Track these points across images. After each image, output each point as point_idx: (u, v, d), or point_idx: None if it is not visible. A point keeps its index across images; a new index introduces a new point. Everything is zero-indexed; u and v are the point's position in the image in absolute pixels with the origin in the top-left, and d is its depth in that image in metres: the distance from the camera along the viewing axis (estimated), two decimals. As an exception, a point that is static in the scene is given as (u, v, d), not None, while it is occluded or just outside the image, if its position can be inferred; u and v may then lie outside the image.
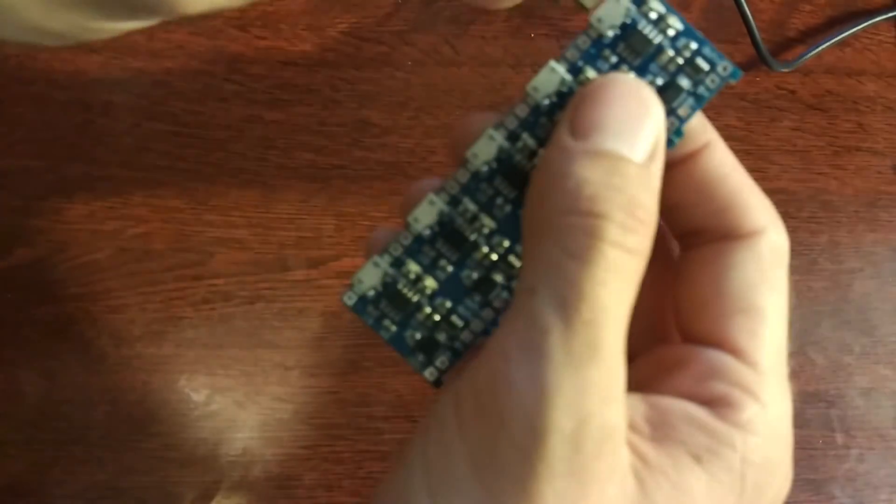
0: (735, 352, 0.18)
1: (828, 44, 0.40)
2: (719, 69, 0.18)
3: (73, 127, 0.37)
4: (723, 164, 0.18)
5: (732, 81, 0.18)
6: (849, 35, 0.41)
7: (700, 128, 0.18)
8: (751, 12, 0.38)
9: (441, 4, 0.39)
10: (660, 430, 0.16)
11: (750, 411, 0.17)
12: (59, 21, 0.17)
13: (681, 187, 0.18)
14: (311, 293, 0.36)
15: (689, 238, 0.19)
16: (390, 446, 0.36)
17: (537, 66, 0.21)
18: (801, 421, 0.37)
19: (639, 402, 0.17)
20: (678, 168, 0.18)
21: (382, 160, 0.38)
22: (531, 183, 0.17)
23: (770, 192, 0.20)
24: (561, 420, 0.14)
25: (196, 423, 0.35)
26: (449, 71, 0.38)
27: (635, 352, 0.18)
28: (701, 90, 0.18)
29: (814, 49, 0.40)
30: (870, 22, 0.41)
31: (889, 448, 0.37)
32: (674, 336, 0.19)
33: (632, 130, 0.16)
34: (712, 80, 0.18)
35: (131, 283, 0.36)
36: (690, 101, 0.18)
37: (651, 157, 0.16)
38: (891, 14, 0.41)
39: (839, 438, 0.37)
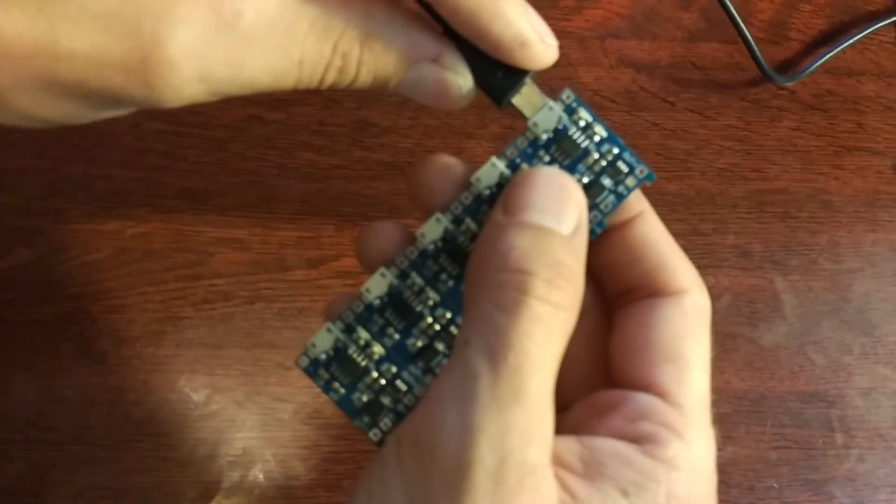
0: (662, 395, 0.19)
1: (830, 55, 0.40)
2: (636, 172, 0.20)
3: (73, 127, 0.37)
4: (654, 230, 0.21)
5: (648, 183, 0.20)
6: (848, 45, 0.41)
7: (635, 199, 0.21)
8: (751, 13, 0.38)
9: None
10: (591, 468, 0.18)
11: (674, 448, 0.18)
12: (50, 109, 0.18)
13: (617, 250, 0.21)
14: (311, 293, 0.36)
15: (622, 297, 0.21)
16: (390, 446, 0.36)
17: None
18: (801, 421, 0.37)
19: (573, 442, 0.19)
20: (615, 233, 0.21)
21: (382, 160, 0.38)
22: (471, 255, 0.19)
23: (770, 192, 0.20)
24: (484, 456, 0.16)
25: (196, 423, 0.35)
26: (449, 71, 0.38)
27: (573, 398, 0.21)
28: (621, 189, 0.20)
29: (815, 62, 0.40)
30: (871, 29, 0.41)
31: (889, 448, 0.37)
32: (608, 384, 0.21)
33: (556, 208, 0.19)
34: (630, 181, 0.20)
35: (131, 283, 0.36)
36: (612, 198, 0.20)
37: (575, 231, 0.19)
38: (891, 19, 0.41)
39: (839, 438, 0.37)
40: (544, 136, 0.20)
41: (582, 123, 0.20)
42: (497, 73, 0.20)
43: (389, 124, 0.38)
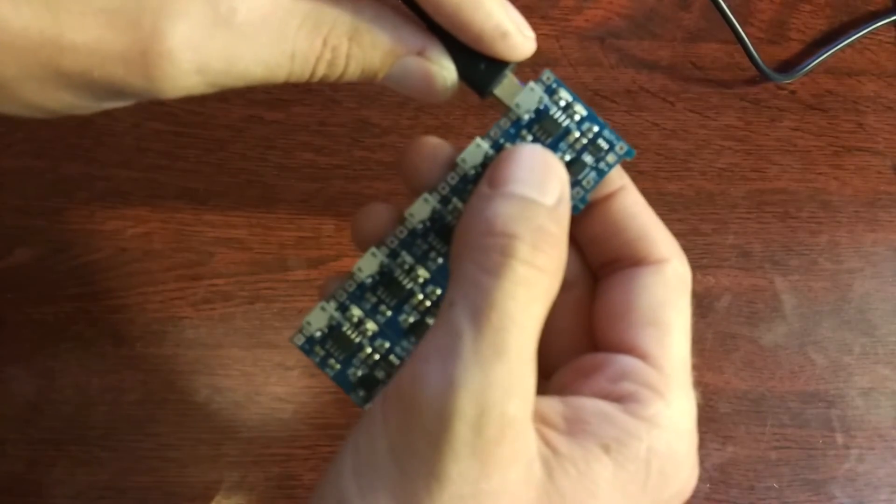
0: (644, 356, 0.20)
1: (827, 53, 0.40)
2: (616, 149, 0.21)
3: (73, 127, 0.37)
4: (635, 203, 0.22)
5: (628, 159, 0.21)
6: (846, 45, 0.41)
7: (616, 175, 0.22)
8: (751, 13, 0.38)
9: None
10: (573, 425, 0.19)
11: (655, 406, 0.19)
12: (51, 100, 0.19)
13: (600, 223, 0.22)
14: (311, 293, 0.36)
15: (606, 267, 0.22)
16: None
17: (538, 66, 0.21)
18: (801, 421, 0.37)
19: (555, 402, 0.19)
20: (598, 207, 0.22)
21: (382, 160, 0.38)
22: (457, 225, 0.20)
23: (770, 192, 0.20)
24: (465, 408, 0.16)
25: (196, 423, 0.35)
26: (449, 71, 0.38)
27: (559, 362, 0.22)
28: (602, 165, 0.21)
29: (814, 60, 0.40)
30: (871, 28, 0.41)
31: (889, 448, 0.37)
32: (592, 350, 0.22)
33: (539, 180, 0.19)
34: (611, 158, 0.21)
35: (131, 283, 0.36)
36: (593, 174, 0.21)
37: (558, 202, 0.19)
38: (891, 18, 0.41)
39: (839, 438, 0.37)
40: (526, 117, 0.21)
41: (562, 103, 0.21)
42: (479, 65, 0.21)
43: (389, 124, 0.38)
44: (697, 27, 0.41)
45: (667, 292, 0.21)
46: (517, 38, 0.20)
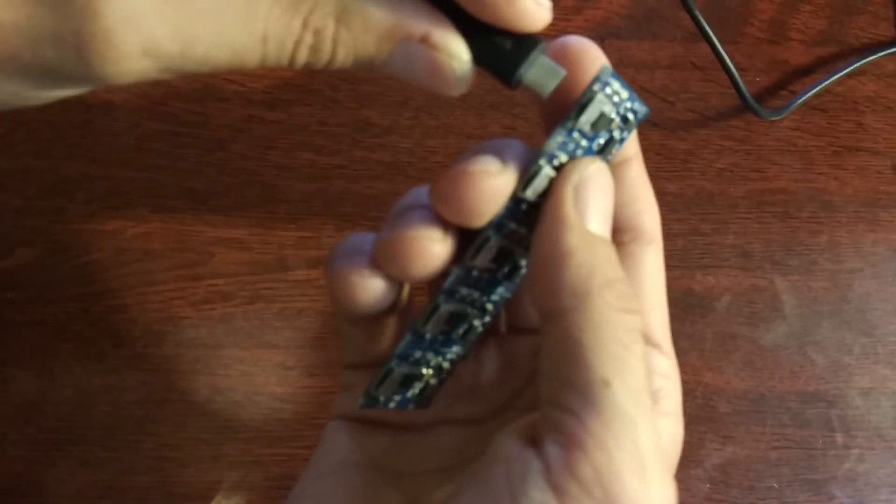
0: (657, 345, 0.21)
1: (821, 86, 0.40)
2: (640, 115, 0.20)
3: (73, 127, 0.37)
4: (641, 176, 0.21)
5: (644, 119, 0.20)
6: (844, 74, 0.40)
7: (633, 142, 0.21)
8: (751, 13, 0.38)
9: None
10: None
11: (672, 399, 0.20)
12: None
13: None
14: (311, 293, 0.36)
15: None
16: (390, 446, 0.36)
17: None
18: (801, 421, 0.37)
19: None
20: (613, 170, 0.21)
21: (382, 160, 0.38)
22: (546, 252, 0.18)
23: (770, 192, 0.20)
24: (666, 498, 0.17)
25: (196, 423, 0.35)
26: (449, 71, 0.38)
27: None
28: (625, 134, 0.20)
29: (811, 89, 0.40)
30: (866, 60, 0.40)
31: (889, 448, 0.37)
32: None
33: (611, 217, 0.19)
34: (632, 125, 0.20)
35: (131, 283, 0.36)
36: (618, 146, 0.20)
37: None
38: (890, 50, 0.41)
39: (839, 438, 0.37)
40: (588, 128, 0.19)
41: (611, 93, 0.19)
42: (501, 47, 0.18)
43: (389, 124, 0.38)
44: (697, 27, 0.41)
45: (661, 274, 0.21)
46: (526, 2, 0.17)
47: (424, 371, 0.21)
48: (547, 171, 0.19)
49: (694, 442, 0.36)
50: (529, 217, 0.19)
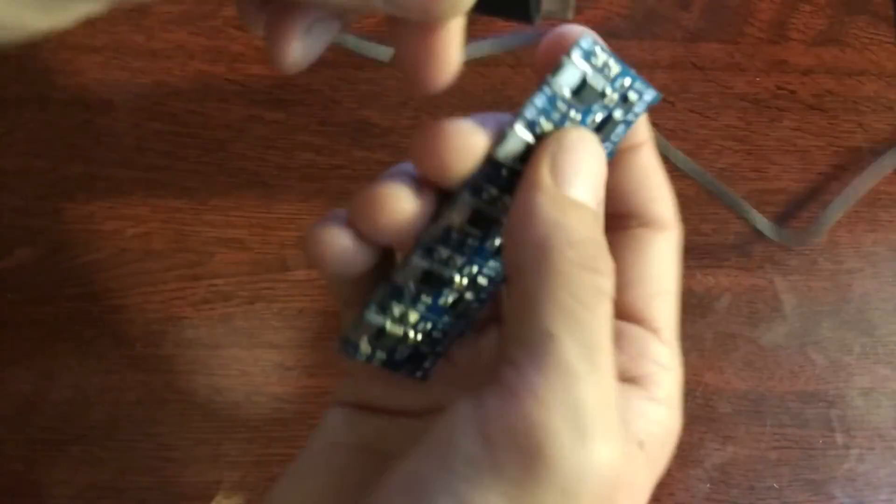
0: (655, 331, 0.20)
1: (840, 211, 0.38)
2: (645, 96, 0.20)
3: (73, 127, 0.37)
4: (652, 160, 0.21)
5: (654, 104, 0.20)
6: (867, 191, 0.39)
7: (643, 127, 0.21)
8: (751, 13, 0.38)
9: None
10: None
11: (668, 387, 0.19)
12: None
13: (619, 175, 0.21)
14: (311, 293, 0.36)
15: (614, 221, 0.21)
16: (390, 446, 0.36)
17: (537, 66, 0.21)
18: (800, 421, 0.37)
19: None
20: (622, 158, 0.21)
21: (382, 160, 0.38)
22: (516, 211, 0.18)
23: (770, 192, 0.20)
24: (606, 471, 0.16)
25: (196, 423, 0.35)
26: (449, 71, 0.38)
27: None
28: (630, 117, 0.20)
29: (825, 218, 0.38)
30: (877, 170, 0.39)
31: (889, 448, 0.37)
32: None
33: (599, 186, 0.19)
34: (639, 107, 0.20)
35: (131, 283, 0.36)
36: (621, 128, 0.20)
37: (599, 203, 0.19)
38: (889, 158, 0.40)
39: (839, 438, 0.37)
40: (567, 92, 0.19)
41: (600, 65, 0.19)
42: None
43: (389, 124, 0.38)
44: (697, 27, 0.41)
45: (672, 260, 0.21)
46: None
47: (411, 334, 0.21)
48: (523, 135, 0.19)
49: (694, 442, 0.36)
50: (511, 185, 0.19)
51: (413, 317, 0.21)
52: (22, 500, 0.34)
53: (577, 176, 0.18)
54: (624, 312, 0.20)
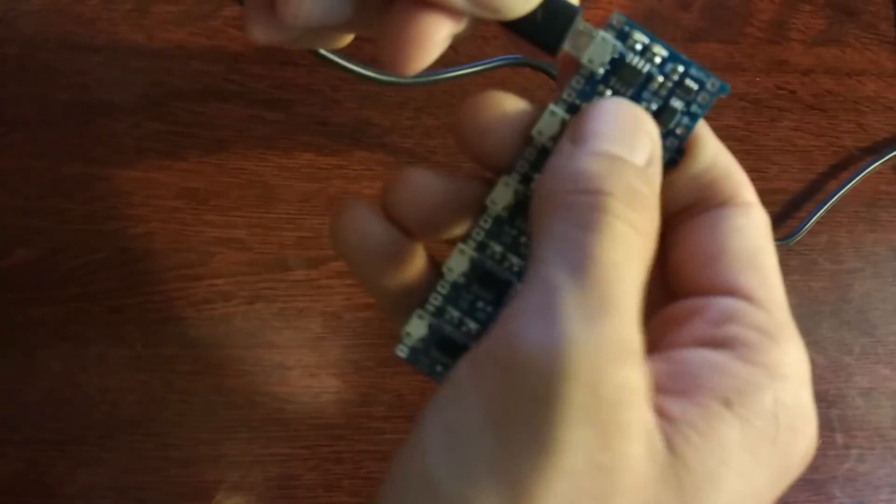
0: (749, 298, 0.18)
1: (825, 207, 0.39)
2: (708, 86, 0.19)
3: (73, 127, 0.37)
4: (716, 142, 0.20)
5: (722, 95, 0.19)
6: (849, 188, 0.39)
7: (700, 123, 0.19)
8: (751, 13, 0.38)
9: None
10: (682, 382, 0.16)
11: (772, 353, 0.17)
12: None
13: (684, 163, 0.19)
14: (311, 293, 0.36)
15: (682, 213, 0.20)
16: (390, 446, 0.36)
17: (537, 66, 0.21)
18: (801, 421, 0.37)
19: (654, 360, 0.17)
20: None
21: (382, 160, 0.38)
22: (537, 185, 0.18)
23: (770, 192, 0.20)
24: (579, 368, 0.14)
25: (196, 423, 0.35)
26: (449, 71, 0.38)
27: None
28: (694, 108, 0.19)
29: (812, 216, 0.39)
30: (871, 167, 0.40)
31: (889, 448, 0.37)
32: (670, 299, 0.20)
33: (628, 138, 0.17)
34: (703, 98, 0.19)
35: (131, 283, 0.36)
36: (686, 120, 0.19)
37: (648, 162, 0.17)
38: (885, 159, 0.40)
39: (839, 438, 0.37)
40: (601, 70, 0.19)
41: (639, 47, 0.19)
42: (542, 18, 0.18)
43: (389, 124, 0.38)
44: (697, 27, 0.41)
45: (759, 236, 0.19)
46: None
47: (467, 342, 0.20)
48: (560, 115, 0.19)
49: (694, 442, 0.36)
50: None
51: (472, 326, 0.20)
52: (22, 500, 0.34)
53: (600, 133, 0.17)
54: (706, 289, 0.18)
